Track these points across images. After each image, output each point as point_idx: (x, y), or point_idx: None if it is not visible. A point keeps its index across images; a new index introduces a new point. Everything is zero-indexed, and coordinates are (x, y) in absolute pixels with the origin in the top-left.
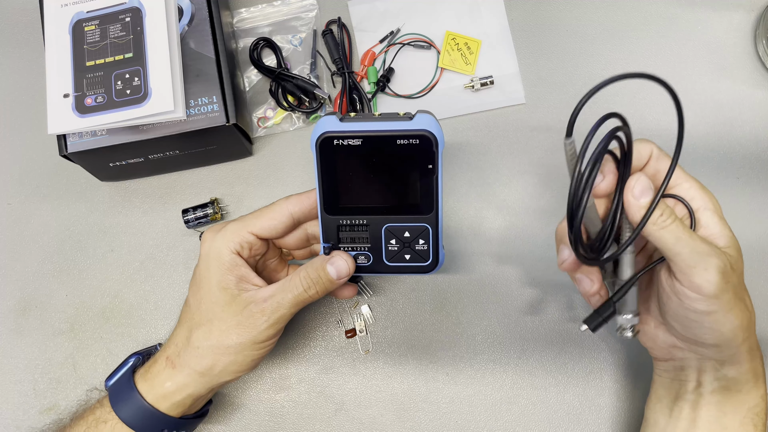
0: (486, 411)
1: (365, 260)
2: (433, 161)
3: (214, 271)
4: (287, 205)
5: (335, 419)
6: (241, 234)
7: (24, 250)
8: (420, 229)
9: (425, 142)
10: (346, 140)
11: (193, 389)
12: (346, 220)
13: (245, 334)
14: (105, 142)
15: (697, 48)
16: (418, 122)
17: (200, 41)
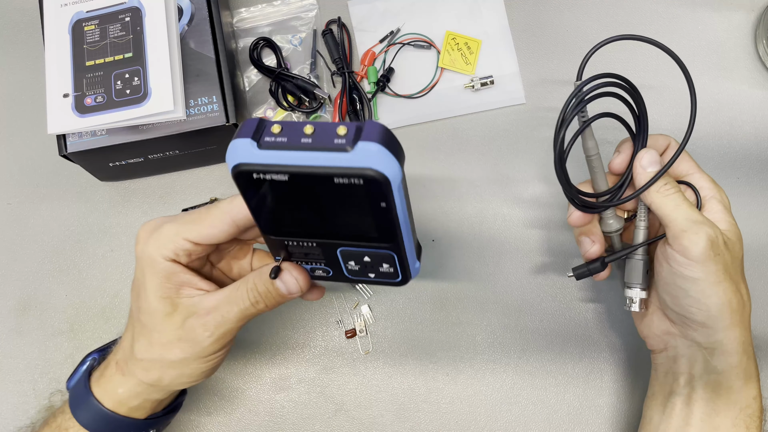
0: (486, 411)
1: (324, 273)
2: (386, 200)
3: (150, 278)
4: (230, 209)
5: (335, 419)
6: (176, 241)
7: (24, 250)
8: (382, 255)
9: (371, 184)
10: (267, 174)
11: (147, 395)
12: (292, 241)
13: (188, 349)
14: (105, 142)
15: (697, 48)
16: (360, 155)
17: (200, 41)
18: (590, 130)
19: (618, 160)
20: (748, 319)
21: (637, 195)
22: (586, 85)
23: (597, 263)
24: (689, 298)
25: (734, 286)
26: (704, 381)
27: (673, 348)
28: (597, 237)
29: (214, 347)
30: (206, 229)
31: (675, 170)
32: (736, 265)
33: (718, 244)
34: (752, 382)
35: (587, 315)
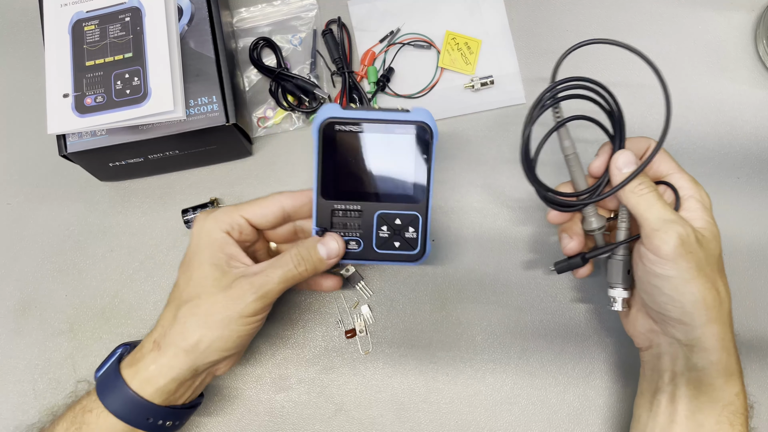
0: (486, 411)
1: (355, 246)
2: (428, 152)
3: (205, 248)
4: (281, 197)
5: (335, 420)
6: (233, 216)
7: (24, 250)
8: (411, 217)
9: (421, 133)
10: (348, 126)
11: (177, 371)
12: (341, 205)
13: (232, 306)
14: (104, 142)
15: (698, 48)
16: (416, 114)
17: (200, 41)
18: (566, 130)
19: (597, 163)
20: (728, 315)
21: (610, 194)
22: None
23: (577, 258)
24: (664, 296)
25: (709, 282)
26: (686, 378)
27: (657, 345)
28: (576, 234)
29: (255, 306)
30: (259, 209)
31: (655, 171)
32: (712, 262)
33: (690, 242)
34: (734, 379)
35: (587, 315)
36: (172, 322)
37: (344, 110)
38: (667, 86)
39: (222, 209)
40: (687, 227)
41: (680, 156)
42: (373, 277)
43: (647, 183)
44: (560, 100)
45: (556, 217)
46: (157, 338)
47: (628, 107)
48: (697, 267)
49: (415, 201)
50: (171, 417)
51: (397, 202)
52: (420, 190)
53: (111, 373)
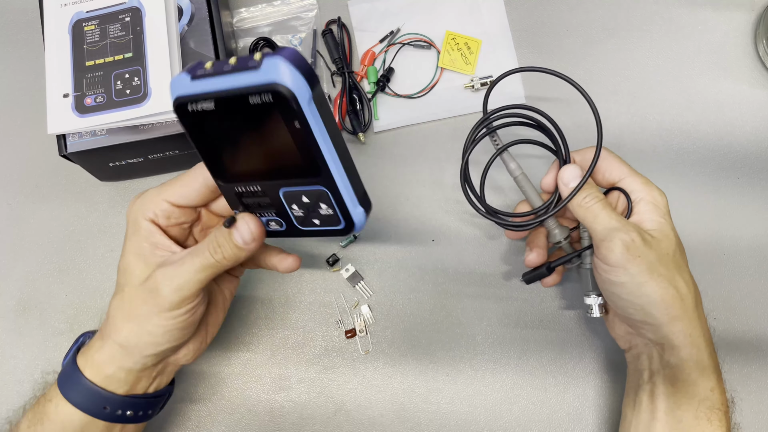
0: (486, 411)
1: (278, 226)
2: (299, 117)
3: (130, 237)
4: (202, 171)
5: (335, 419)
6: (155, 201)
7: (24, 250)
8: (317, 192)
9: (279, 98)
10: (198, 104)
11: (120, 362)
12: (240, 187)
13: (150, 300)
14: (105, 142)
15: (698, 48)
16: (266, 71)
17: (200, 41)
18: (508, 154)
19: (547, 179)
20: (694, 310)
21: (557, 210)
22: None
23: (542, 268)
24: (622, 301)
25: (665, 282)
26: (662, 375)
27: (635, 346)
28: (537, 246)
29: (173, 298)
30: (180, 188)
31: (608, 178)
32: (667, 260)
33: (635, 246)
34: (708, 374)
35: (587, 316)
36: (108, 314)
37: (193, 81)
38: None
39: (147, 193)
40: (631, 232)
41: (681, 156)
42: (373, 277)
43: (592, 194)
44: (495, 129)
45: (514, 235)
46: (101, 328)
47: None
48: (649, 269)
49: (313, 174)
50: (131, 407)
51: (295, 178)
52: (312, 163)
53: (68, 362)
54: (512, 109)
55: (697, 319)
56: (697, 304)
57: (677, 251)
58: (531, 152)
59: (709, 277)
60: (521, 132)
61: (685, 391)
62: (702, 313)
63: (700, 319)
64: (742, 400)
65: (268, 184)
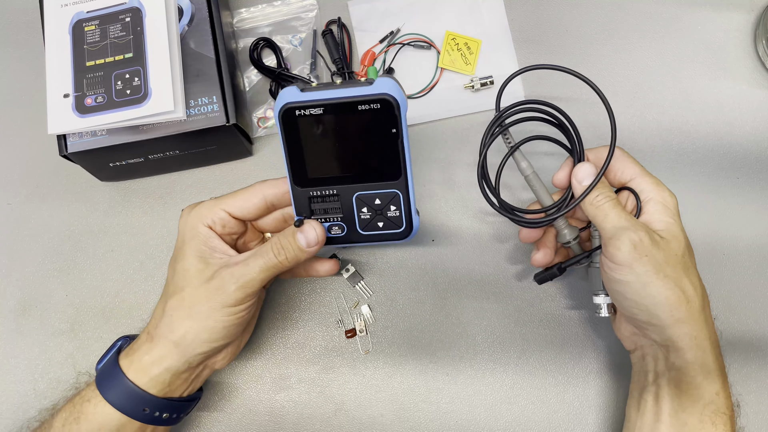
0: (486, 411)
1: (339, 231)
2: (396, 125)
3: (189, 242)
4: (262, 188)
5: (335, 419)
6: (214, 210)
7: (24, 250)
8: (390, 195)
9: (386, 106)
10: (307, 110)
11: (169, 362)
12: (317, 191)
13: (215, 297)
14: (105, 142)
15: (697, 48)
16: (379, 86)
17: (200, 41)
18: (520, 153)
19: (559, 176)
20: (699, 313)
21: (571, 208)
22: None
23: (554, 269)
24: (627, 300)
25: (671, 283)
26: (667, 378)
27: (641, 347)
28: (545, 246)
29: (236, 295)
30: (240, 201)
31: (620, 177)
32: (674, 261)
33: (643, 245)
34: (713, 377)
35: (587, 315)
36: (161, 314)
37: (303, 92)
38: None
39: (204, 203)
40: (640, 231)
41: (680, 156)
42: (373, 277)
43: (605, 193)
44: (509, 126)
45: (528, 235)
46: (150, 330)
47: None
48: (655, 269)
49: (392, 178)
50: (168, 409)
51: (373, 182)
52: (395, 167)
53: (110, 364)
54: (529, 104)
55: (703, 322)
56: (704, 307)
57: (686, 253)
58: (542, 150)
59: (709, 277)
60: (535, 129)
61: (690, 394)
62: (709, 316)
63: (706, 322)
64: (742, 400)
65: (345, 188)
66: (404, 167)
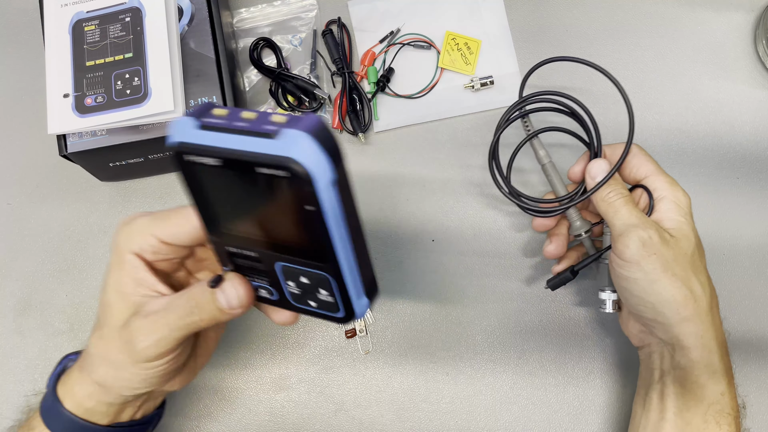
0: (486, 411)
1: (269, 294)
2: (312, 202)
3: (113, 271)
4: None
5: (335, 419)
6: (143, 235)
7: (24, 250)
8: (318, 277)
9: (294, 176)
10: (202, 158)
11: (100, 397)
12: (233, 248)
13: (124, 349)
14: (105, 142)
15: (697, 48)
16: (284, 143)
17: (200, 41)
18: (539, 141)
19: (575, 169)
20: (707, 313)
21: (580, 201)
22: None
23: (567, 272)
24: (634, 297)
25: (678, 281)
26: (672, 376)
27: (648, 345)
28: (556, 236)
29: (148, 353)
30: (172, 227)
31: (635, 174)
32: (683, 260)
33: (652, 243)
34: (718, 378)
35: (587, 315)
36: (87, 347)
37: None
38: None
39: (135, 223)
40: (649, 229)
41: (680, 156)
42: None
43: (617, 190)
44: (527, 113)
45: (541, 224)
46: (81, 358)
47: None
48: (663, 267)
49: (319, 260)
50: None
51: (297, 257)
52: (319, 249)
53: (49, 391)
54: (551, 95)
55: (710, 322)
56: (712, 307)
57: (696, 252)
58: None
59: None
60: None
61: (694, 393)
62: (717, 316)
63: (713, 322)
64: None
65: (266, 254)
66: (332, 251)
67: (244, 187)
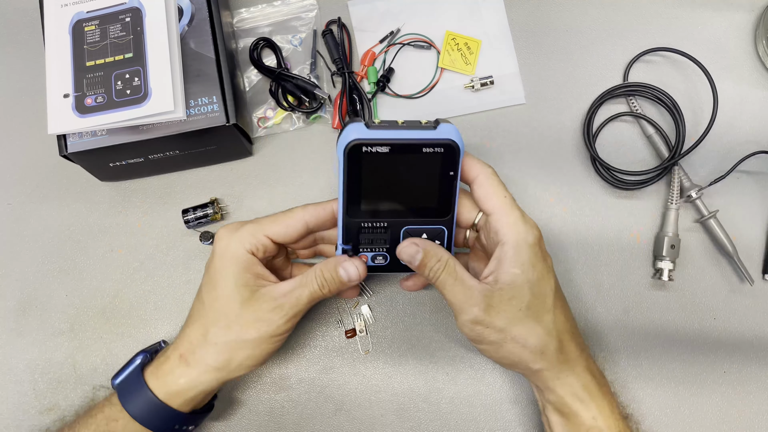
0: (486, 411)
1: (383, 260)
2: (455, 168)
3: (231, 269)
4: (304, 214)
5: (335, 419)
6: (257, 236)
7: (24, 250)
8: (437, 231)
9: (450, 151)
10: (374, 147)
11: (207, 385)
12: (368, 222)
13: (264, 328)
14: (105, 142)
15: (698, 48)
16: (443, 131)
17: (200, 41)
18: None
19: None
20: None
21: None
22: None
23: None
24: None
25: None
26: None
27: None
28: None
29: (286, 326)
30: (283, 228)
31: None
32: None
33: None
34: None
35: (587, 315)
36: (201, 341)
37: (370, 130)
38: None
39: (246, 227)
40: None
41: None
42: (373, 278)
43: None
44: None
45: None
46: (184, 353)
47: None
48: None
49: (441, 215)
50: (192, 422)
51: (423, 217)
52: (446, 205)
53: (135, 383)
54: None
55: (564, 361)
56: (563, 343)
57: (533, 299)
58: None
59: (709, 277)
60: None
61: (573, 421)
62: (569, 342)
63: (567, 358)
64: (741, 401)
65: (396, 221)
66: (454, 206)
67: (401, 166)
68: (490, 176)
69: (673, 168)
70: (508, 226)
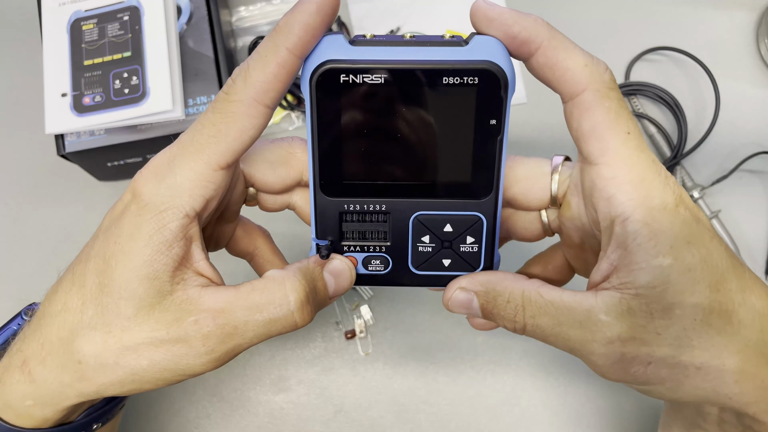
0: (487, 412)
1: (381, 266)
2: (500, 114)
3: (143, 241)
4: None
5: (335, 421)
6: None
7: (23, 250)
8: (470, 220)
9: (489, 82)
10: (359, 75)
11: (69, 402)
12: (354, 204)
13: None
14: (103, 142)
15: (700, 47)
16: (478, 49)
17: (199, 40)
18: None
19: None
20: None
21: None
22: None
23: None
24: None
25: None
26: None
27: None
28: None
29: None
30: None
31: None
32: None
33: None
34: None
35: None
36: (60, 350)
37: (353, 47)
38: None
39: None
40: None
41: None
42: None
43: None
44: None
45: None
46: (31, 362)
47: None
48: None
49: (477, 195)
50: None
51: (446, 198)
52: (485, 178)
53: None
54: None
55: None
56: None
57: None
58: None
59: None
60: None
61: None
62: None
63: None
64: None
65: (401, 203)
66: (498, 181)
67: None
68: (609, 92)
69: (676, 168)
70: (631, 186)
